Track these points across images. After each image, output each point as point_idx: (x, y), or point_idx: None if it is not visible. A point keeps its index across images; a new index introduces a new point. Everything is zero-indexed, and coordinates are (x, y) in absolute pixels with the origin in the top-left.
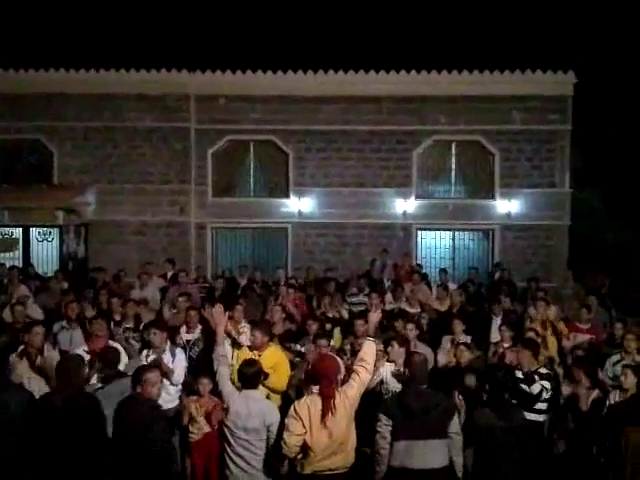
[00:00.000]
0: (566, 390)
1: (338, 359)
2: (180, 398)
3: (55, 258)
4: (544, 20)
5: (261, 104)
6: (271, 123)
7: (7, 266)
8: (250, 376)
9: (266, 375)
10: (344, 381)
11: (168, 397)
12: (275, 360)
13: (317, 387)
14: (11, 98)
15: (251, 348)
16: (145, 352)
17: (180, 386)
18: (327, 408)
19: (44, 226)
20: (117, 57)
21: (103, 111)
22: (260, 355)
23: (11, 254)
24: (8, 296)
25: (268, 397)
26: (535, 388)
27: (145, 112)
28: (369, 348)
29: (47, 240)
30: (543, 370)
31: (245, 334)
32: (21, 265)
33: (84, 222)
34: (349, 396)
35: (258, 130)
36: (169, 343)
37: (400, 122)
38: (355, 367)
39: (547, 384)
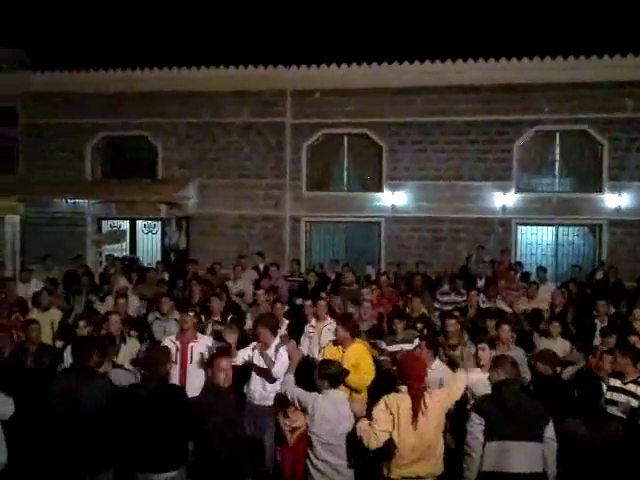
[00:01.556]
0: None
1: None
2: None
3: (158, 250)
4: None
5: (355, 97)
6: (365, 116)
7: (113, 256)
8: (333, 375)
9: (347, 372)
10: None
11: (265, 394)
12: (358, 357)
13: (405, 387)
14: (117, 96)
15: (335, 343)
16: (253, 345)
17: (278, 385)
18: (417, 407)
19: (149, 219)
20: (216, 55)
21: (203, 108)
22: (344, 351)
23: (119, 246)
24: (111, 286)
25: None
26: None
27: (242, 107)
28: (458, 381)
29: (152, 232)
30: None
31: (329, 330)
32: (128, 255)
33: (185, 215)
34: (440, 399)
35: (352, 123)
36: (277, 340)
37: (500, 112)
38: (455, 377)
39: None
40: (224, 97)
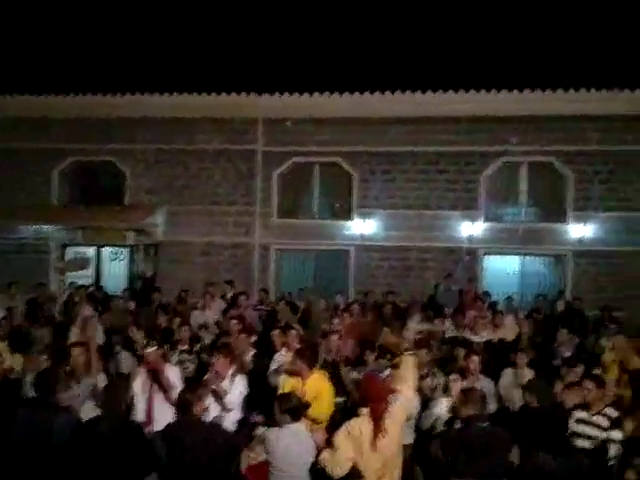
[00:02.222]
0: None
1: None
2: (238, 428)
3: (125, 277)
4: (623, 36)
5: (327, 126)
6: (336, 145)
7: (76, 284)
8: (294, 409)
9: (308, 405)
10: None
11: (226, 425)
12: (318, 388)
13: (366, 409)
14: (86, 121)
15: (292, 374)
16: (208, 375)
17: (239, 415)
18: (378, 430)
19: (115, 245)
20: (188, 82)
21: (173, 134)
22: (304, 383)
23: (84, 272)
24: (75, 314)
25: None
26: (598, 419)
27: (214, 134)
28: (407, 364)
29: (118, 259)
30: (610, 411)
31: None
32: (93, 283)
33: (153, 242)
34: (397, 417)
35: (323, 152)
36: (232, 369)
37: (468, 143)
38: (398, 387)
39: (617, 435)
40: (196, 124)
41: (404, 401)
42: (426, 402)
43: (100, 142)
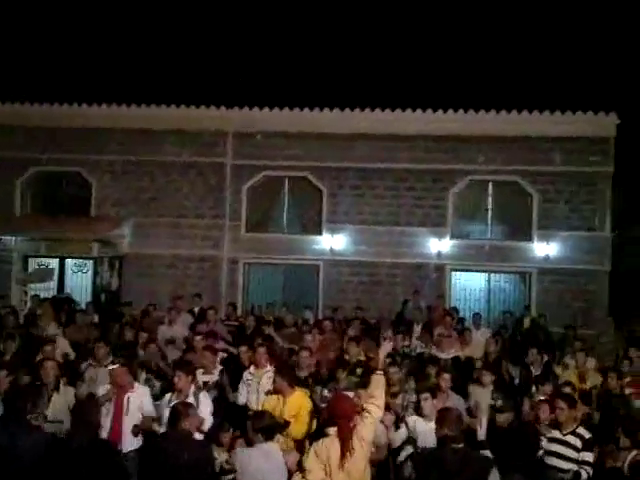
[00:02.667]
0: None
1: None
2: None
3: (88, 290)
4: (586, 60)
5: (297, 141)
6: (306, 160)
7: (40, 297)
8: (267, 428)
9: (287, 423)
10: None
11: None
12: (299, 407)
13: (334, 429)
14: (52, 131)
15: (275, 392)
16: (168, 396)
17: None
18: (345, 449)
19: (79, 257)
20: (157, 93)
21: (142, 145)
22: (285, 401)
23: (46, 285)
24: (40, 330)
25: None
26: (571, 439)
27: (182, 147)
28: (377, 382)
29: (82, 271)
30: (582, 431)
31: (269, 378)
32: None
33: (118, 254)
34: (364, 436)
35: (293, 166)
36: (193, 387)
37: (436, 161)
38: (366, 405)
39: (589, 456)
40: (164, 136)
41: (372, 420)
42: (397, 420)
43: (66, 152)
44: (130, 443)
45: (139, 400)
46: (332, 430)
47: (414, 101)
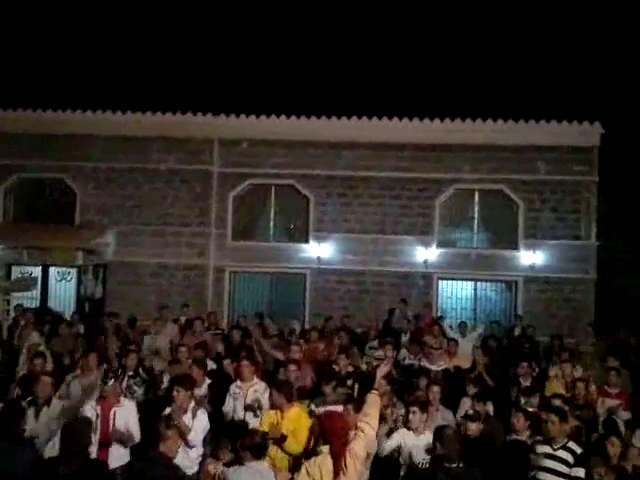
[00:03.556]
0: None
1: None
2: (200, 464)
3: (72, 298)
4: (571, 70)
5: (283, 149)
6: (292, 167)
7: (23, 306)
8: (256, 446)
9: (284, 438)
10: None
11: (187, 463)
12: (297, 423)
13: (326, 447)
14: (36, 137)
15: (273, 408)
16: (169, 410)
17: (201, 451)
18: (338, 468)
19: (63, 265)
20: (142, 100)
21: (126, 152)
22: (283, 416)
23: (29, 294)
24: (21, 341)
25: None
26: (563, 454)
27: (168, 154)
28: (372, 402)
29: (65, 280)
30: (573, 445)
31: (257, 392)
32: (39, 305)
33: (103, 263)
34: (357, 455)
35: (279, 174)
36: (193, 403)
37: (422, 170)
38: (360, 424)
39: (581, 472)
40: (149, 143)
41: (365, 439)
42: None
43: (50, 159)
44: (117, 459)
45: (125, 416)
46: (325, 448)
47: (401, 109)
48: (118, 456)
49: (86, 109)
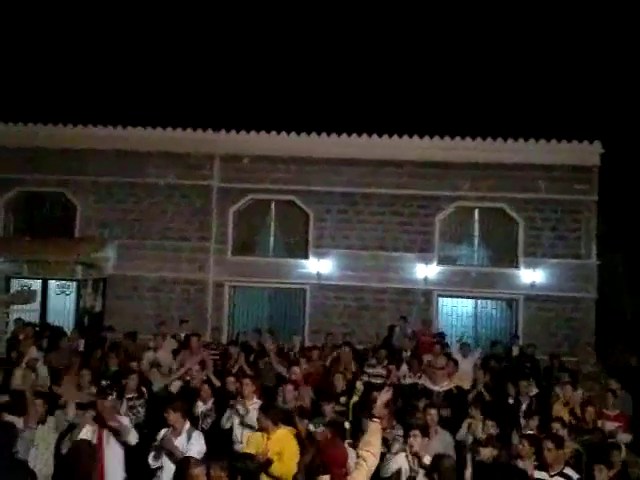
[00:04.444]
0: None
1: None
2: None
3: (72, 312)
4: (572, 89)
5: (283, 165)
6: (293, 183)
7: (23, 320)
8: (252, 471)
9: (270, 462)
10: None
11: None
12: (282, 445)
13: (327, 476)
14: (36, 152)
15: (260, 430)
16: (164, 431)
17: None
18: None
19: (63, 279)
20: (143, 115)
21: (126, 167)
22: (269, 438)
23: (29, 307)
24: (20, 355)
25: None
26: None
27: (168, 169)
28: (374, 430)
29: (65, 293)
30: (570, 472)
31: (255, 411)
32: (38, 318)
33: (102, 276)
34: None
35: (280, 190)
36: (188, 424)
37: (422, 187)
38: (361, 452)
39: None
40: (150, 157)
41: (367, 467)
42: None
43: (50, 173)
44: (113, 476)
45: (122, 425)
46: (325, 478)
47: (401, 127)
48: (114, 474)
49: (87, 123)
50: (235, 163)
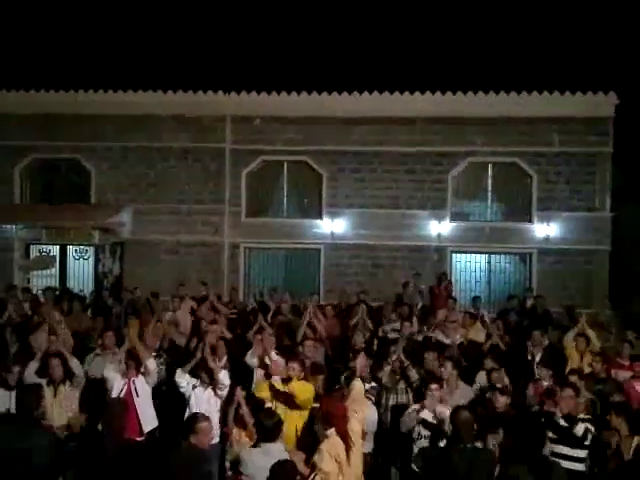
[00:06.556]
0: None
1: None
2: (221, 436)
3: (91, 276)
4: (584, 41)
5: (295, 125)
6: (305, 144)
7: (52, 288)
8: (271, 428)
9: (281, 422)
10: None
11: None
12: (302, 393)
13: (332, 430)
14: (50, 118)
15: (283, 380)
16: (193, 382)
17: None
18: (347, 445)
19: (80, 244)
20: (154, 78)
21: (140, 131)
22: (292, 385)
23: (49, 271)
24: (41, 318)
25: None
26: (579, 429)
27: (181, 132)
28: (357, 392)
29: (83, 258)
30: (584, 416)
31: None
32: (58, 283)
33: (119, 241)
34: (357, 430)
35: (292, 151)
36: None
37: (435, 143)
38: (351, 407)
39: (591, 426)
40: (162, 121)
41: (358, 417)
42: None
43: (64, 139)
44: (148, 423)
45: (144, 383)
46: (330, 431)
47: (412, 83)
48: (147, 421)
49: (98, 89)
50: (247, 125)
